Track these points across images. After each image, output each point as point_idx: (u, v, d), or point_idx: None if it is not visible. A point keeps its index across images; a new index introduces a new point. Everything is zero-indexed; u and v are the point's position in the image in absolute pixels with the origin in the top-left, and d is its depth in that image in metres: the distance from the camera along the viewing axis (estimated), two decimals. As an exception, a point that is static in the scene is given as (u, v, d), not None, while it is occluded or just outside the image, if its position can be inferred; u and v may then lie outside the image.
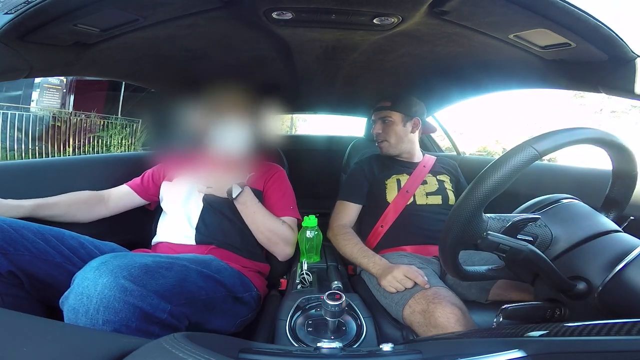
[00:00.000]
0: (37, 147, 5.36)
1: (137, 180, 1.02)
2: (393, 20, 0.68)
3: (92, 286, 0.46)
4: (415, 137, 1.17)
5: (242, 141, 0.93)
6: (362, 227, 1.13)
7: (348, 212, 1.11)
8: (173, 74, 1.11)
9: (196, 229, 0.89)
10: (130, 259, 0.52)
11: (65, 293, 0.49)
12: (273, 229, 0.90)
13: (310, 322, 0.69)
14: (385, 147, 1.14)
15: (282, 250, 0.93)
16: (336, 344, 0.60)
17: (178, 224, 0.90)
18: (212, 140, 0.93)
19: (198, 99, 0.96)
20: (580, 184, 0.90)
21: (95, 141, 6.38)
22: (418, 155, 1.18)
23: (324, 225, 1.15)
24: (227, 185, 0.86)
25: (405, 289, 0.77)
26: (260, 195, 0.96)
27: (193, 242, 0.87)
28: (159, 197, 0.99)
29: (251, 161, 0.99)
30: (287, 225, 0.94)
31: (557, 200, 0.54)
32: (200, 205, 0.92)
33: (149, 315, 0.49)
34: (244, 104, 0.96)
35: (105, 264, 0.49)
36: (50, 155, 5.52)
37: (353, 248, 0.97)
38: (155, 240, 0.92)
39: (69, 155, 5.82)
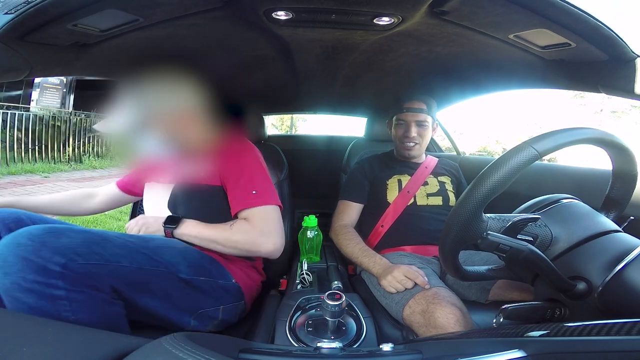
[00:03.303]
0: (37, 147, 5.36)
1: (125, 178, 1.02)
2: (393, 20, 0.68)
3: None
4: None
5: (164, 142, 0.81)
6: (363, 227, 1.13)
7: (349, 211, 1.11)
8: (173, 74, 1.10)
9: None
10: (47, 226, 0.55)
11: None
12: (230, 239, 0.76)
13: (310, 322, 0.69)
14: (415, 150, 1.11)
15: (258, 252, 0.78)
16: (336, 344, 0.60)
17: None
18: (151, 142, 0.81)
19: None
20: (580, 184, 0.90)
21: (95, 140, 6.38)
22: (422, 156, 1.18)
23: (324, 225, 1.15)
24: (157, 227, 0.77)
25: (405, 289, 0.77)
26: (221, 192, 0.83)
27: None
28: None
29: (205, 152, 0.85)
30: (239, 224, 0.77)
31: (557, 200, 0.54)
32: (166, 211, 0.84)
33: (43, 267, 0.50)
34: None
35: (18, 229, 0.53)
36: (50, 155, 5.52)
37: (354, 248, 0.97)
38: None
39: (68, 154, 5.83)
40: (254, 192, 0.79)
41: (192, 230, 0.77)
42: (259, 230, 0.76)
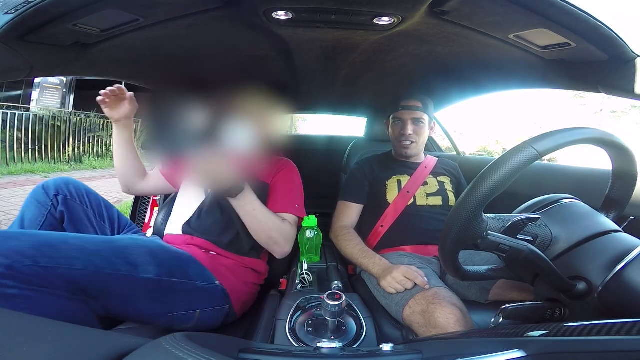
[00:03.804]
0: (37, 147, 5.36)
1: (167, 168, 1.06)
2: (393, 20, 0.68)
3: None
4: None
5: (248, 139, 0.89)
6: (363, 227, 1.13)
7: (349, 212, 1.11)
8: (173, 74, 1.11)
9: (189, 219, 0.91)
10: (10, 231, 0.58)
11: None
12: (274, 228, 0.85)
13: (310, 322, 0.69)
14: (412, 148, 1.11)
15: (281, 249, 0.89)
16: (336, 344, 0.60)
17: (178, 215, 0.94)
18: (218, 139, 0.86)
19: (203, 99, 0.93)
20: (580, 184, 0.90)
21: (95, 140, 6.39)
22: (421, 156, 1.18)
23: (324, 225, 1.15)
24: (225, 181, 0.77)
25: (405, 289, 0.77)
26: (266, 188, 0.95)
27: (180, 232, 0.90)
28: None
29: (260, 158, 0.95)
30: (287, 223, 0.90)
31: (557, 200, 0.54)
32: (201, 198, 0.93)
33: None
34: (250, 102, 0.91)
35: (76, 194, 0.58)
36: (50, 155, 5.52)
37: (354, 249, 0.97)
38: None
39: (68, 154, 5.83)
40: (296, 205, 0.95)
41: (249, 205, 0.81)
42: (293, 235, 0.92)
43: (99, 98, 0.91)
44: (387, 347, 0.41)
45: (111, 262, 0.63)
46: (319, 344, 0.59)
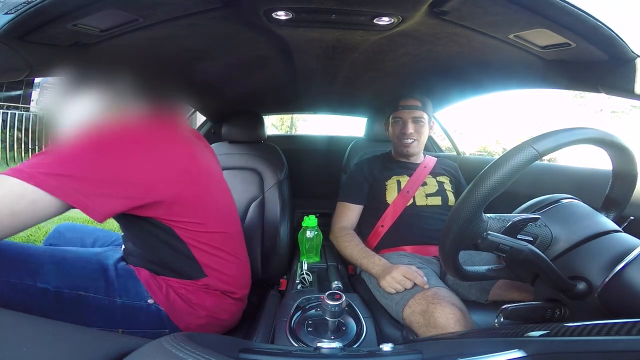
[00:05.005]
0: (37, 147, 5.36)
1: None
2: (393, 20, 0.68)
3: None
4: None
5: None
6: (363, 227, 1.13)
7: (348, 213, 1.11)
8: (173, 74, 1.11)
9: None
10: None
11: None
12: None
13: (310, 322, 0.69)
14: (414, 147, 1.11)
15: None
16: (336, 344, 0.60)
17: None
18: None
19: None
20: (580, 184, 0.90)
21: (95, 141, 6.37)
22: (420, 156, 1.18)
23: (324, 225, 1.15)
24: None
25: (405, 289, 0.77)
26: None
27: None
28: None
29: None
30: None
31: (557, 200, 0.54)
32: None
33: None
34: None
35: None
36: (50, 155, 5.52)
37: (353, 250, 0.97)
38: None
39: (69, 155, 5.82)
40: (31, 164, 0.50)
41: None
42: None
43: None
44: (387, 347, 0.42)
45: (3, 269, 0.56)
46: (319, 344, 0.59)
